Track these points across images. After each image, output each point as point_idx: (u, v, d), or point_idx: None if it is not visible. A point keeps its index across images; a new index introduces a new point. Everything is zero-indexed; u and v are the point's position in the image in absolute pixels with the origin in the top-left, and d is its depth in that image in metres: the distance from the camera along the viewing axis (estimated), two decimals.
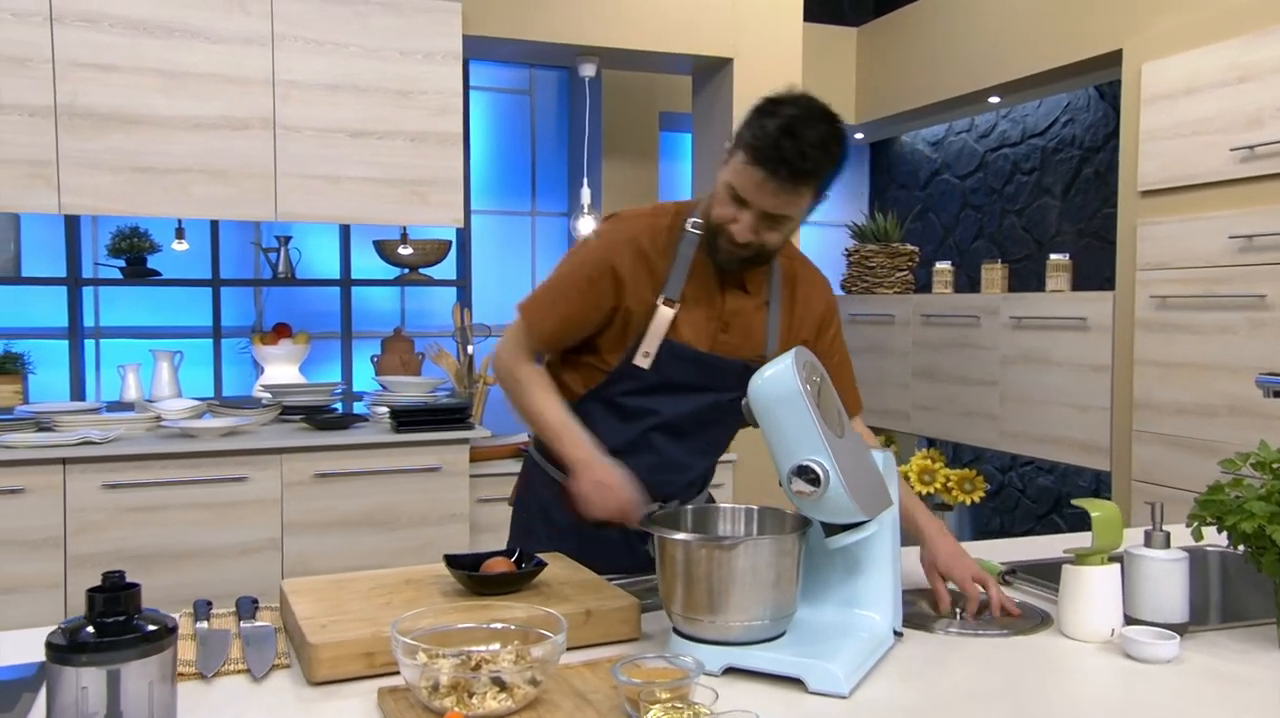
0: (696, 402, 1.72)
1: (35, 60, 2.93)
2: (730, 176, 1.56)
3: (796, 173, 1.50)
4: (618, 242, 1.67)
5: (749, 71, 3.80)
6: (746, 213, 1.56)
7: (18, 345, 3.77)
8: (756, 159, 1.50)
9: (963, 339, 4.19)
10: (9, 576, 2.88)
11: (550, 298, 1.71)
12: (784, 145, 1.48)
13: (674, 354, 1.68)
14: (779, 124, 1.49)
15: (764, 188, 1.51)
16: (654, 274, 1.67)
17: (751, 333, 1.73)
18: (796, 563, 1.30)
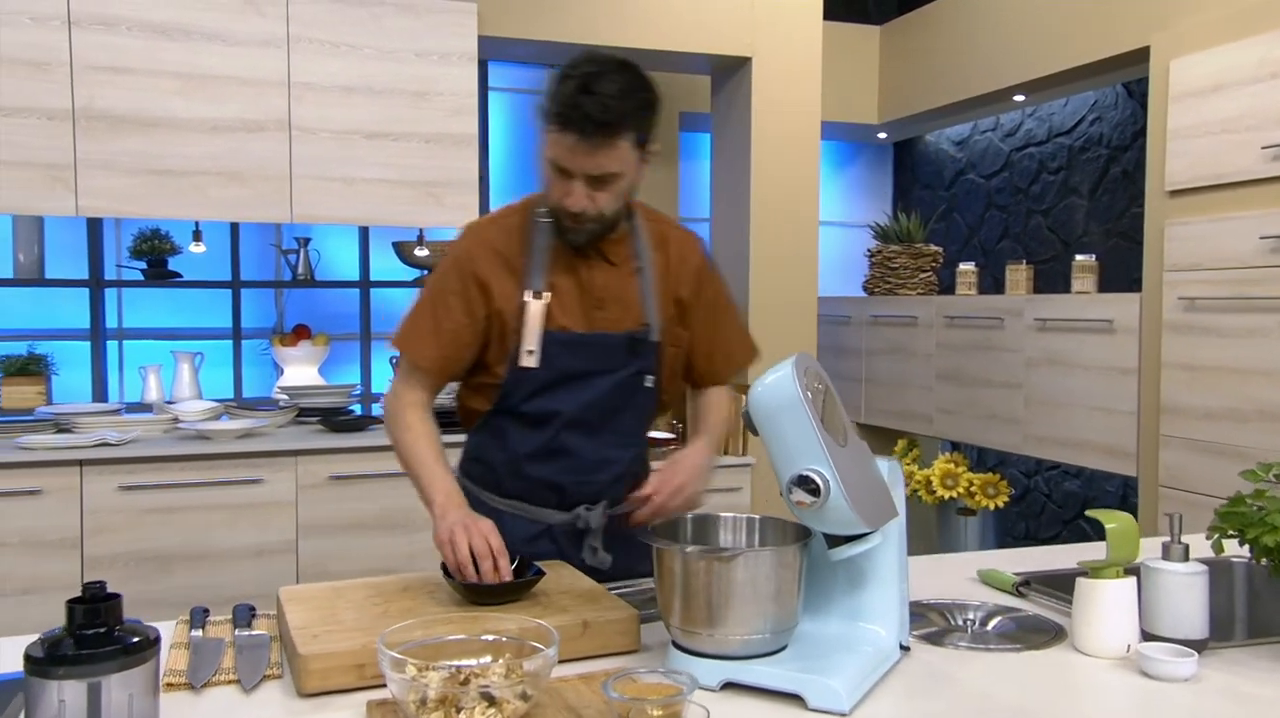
0: (596, 388, 1.69)
1: (53, 64, 2.95)
2: (548, 152, 1.56)
3: (603, 126, 1.49)
4: (471, 249, 1.67)
5: (768, 71, 3.76)
6: (573, 182, 1.56)
7: (41, 347, 3.81)
8: (563, 124, 1.50)
9: (986, 341, 4.12)
10: (27, 576, 2.89)
11: (424, 324, 1.67)
12: (584, 102, 1.48)
13: (556, 343, 1.66)
14: (575, 84, 1.49)
15: (577, 150, 1.52)
16: (515, 272, 1.66)
17: (628, 303, 1.71)
18: (798, 575, 1.26)
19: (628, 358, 1.69)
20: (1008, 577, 1.68)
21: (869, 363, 4.89)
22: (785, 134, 3.77)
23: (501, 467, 1.72)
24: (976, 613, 1.53)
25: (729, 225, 3.95)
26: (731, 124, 3.91)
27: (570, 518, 1.71)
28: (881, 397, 4.80)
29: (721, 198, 4.02)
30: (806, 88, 3.79)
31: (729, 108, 3.94)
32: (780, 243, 3.80)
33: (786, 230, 3.81)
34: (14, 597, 2.89)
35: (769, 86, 3.75)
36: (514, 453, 1.70)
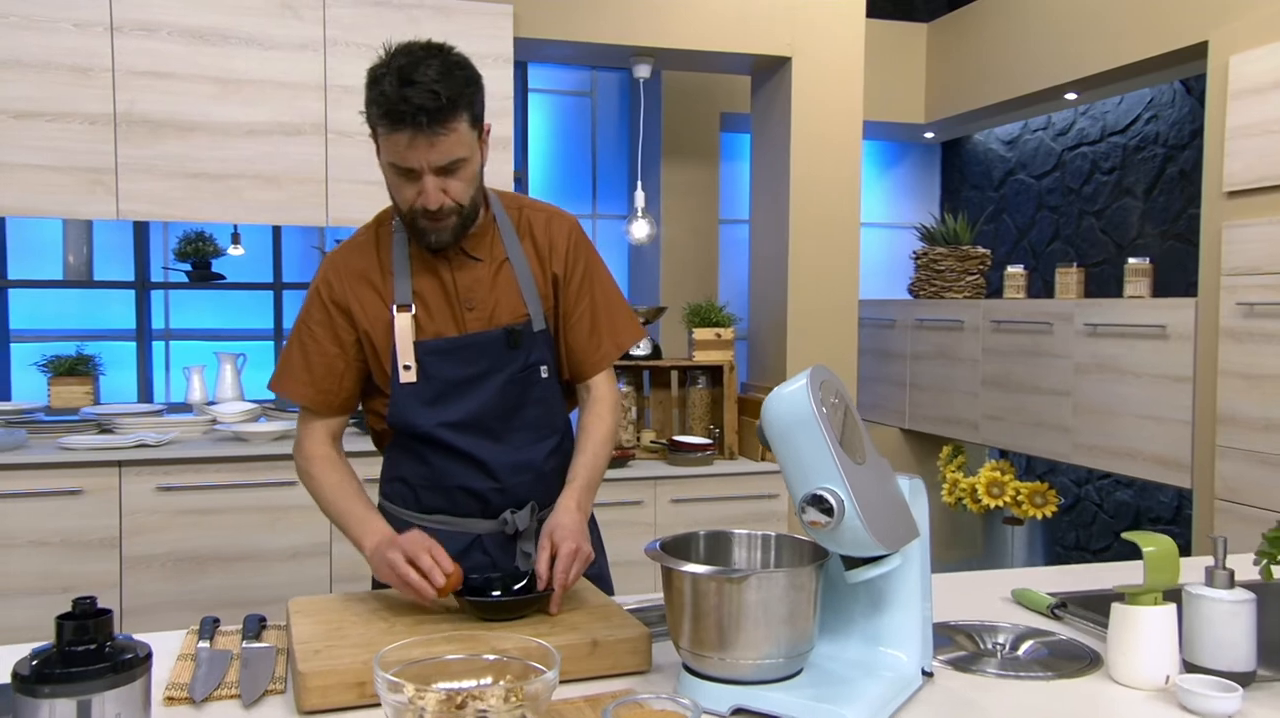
0: (486, 390, 1.63)
1: (96, 69, 2.98)
2: (386, 157, 1.50)
3: (435, 114, 1.43)
4: (328, 276, 1.62)
5: (808, 71, 3.69)
6: (423, 180, 1.49)
7: (89, 348, 3.87)
8: (395, 122, 1.43)
9: (1034, 347, 4.01)
10: (67, 575, 2.93)
11: (295, 361, 1.62)
12: (409, 95, 1.41)
13: (431, 353, 1.60)
14: (393, 80, 1.43)
15: (416, 146, 1.45)
16: (378, 289, 1.61)
17: (500, 298, 1.64)
18: (813, 598, 1.21)
19: (510, 353, 1.63)
20: (1043, 598, 1.61)
21: (913, 367, 4.79)
22: (826, 135, 3.70)
23: (419, 483, 1.67)
24: (1007, 637, 1.47)
25: (768, 227, 3.89)
26: (771, 125, 3.85)
27: (498, 525, 1.66)
28: (926, 402, 4.70)
29: (761, 200, 3.96)
30: (848, 88, 3.71)
31: (768, 108, 3.88)
32: (820, 246, 3.73)
33: (827, 233, 3.73)
34: (55, 595, 2.93)
35: (809, 87, 3.68)
36: (428, 467, 1.65)
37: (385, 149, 1.49)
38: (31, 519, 2.90)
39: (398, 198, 1.54)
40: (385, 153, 1.49)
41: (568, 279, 1.69)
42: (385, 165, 1.52)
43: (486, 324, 1.62)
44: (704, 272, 4.51)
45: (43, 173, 2.96)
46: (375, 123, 1.47)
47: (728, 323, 3.76)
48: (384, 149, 1.49)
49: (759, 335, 3.98)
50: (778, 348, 3.79)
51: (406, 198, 1.52)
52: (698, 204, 4.50)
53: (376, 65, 1.47)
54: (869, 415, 5.20)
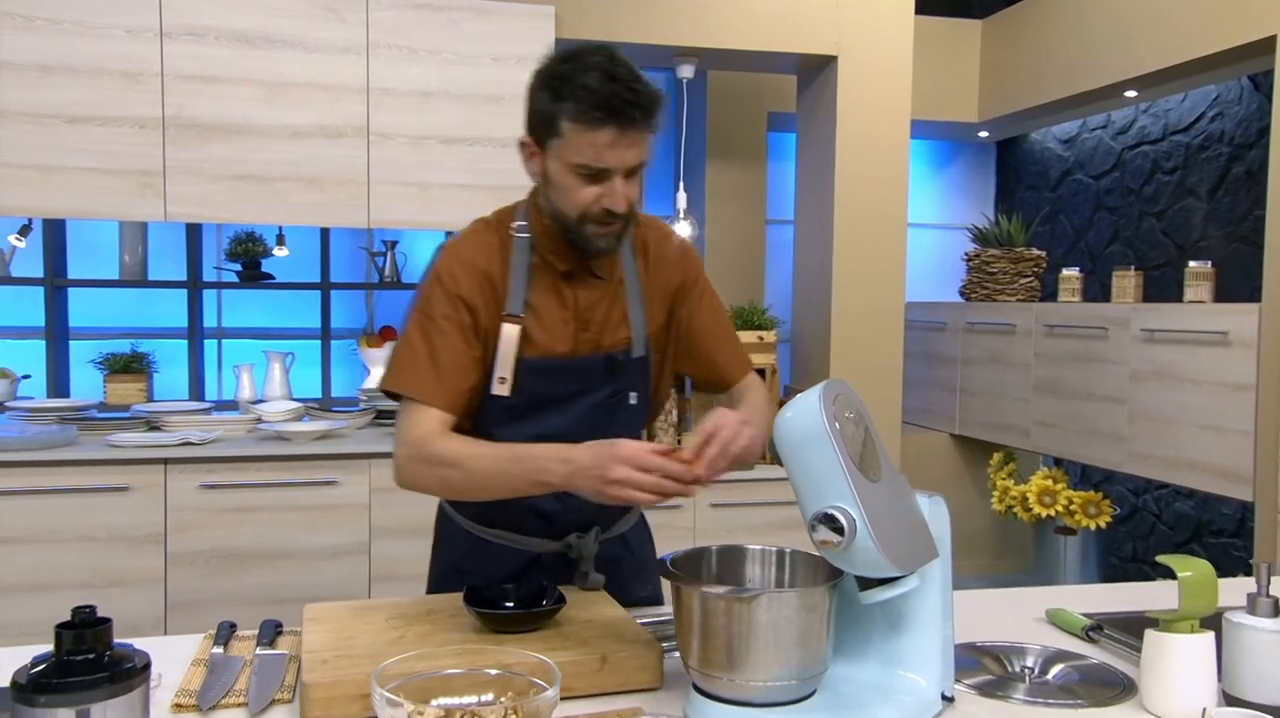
0: (574, 411, 1.58)
1: (145, 74, 3.04)
2: (572, 157, 1.41)
3: (645, 110, 1.39)
4: (453, 268, 1.52)
5: (854, 70, 3.62)
6: (612, 181, 1.43)
7: (144, 345, 3.95)
8: (601, 120, 1.37)
9: (1088, 352, 3.89)
10: (114, 570, 2.99)
11: (422, 359, 1.49)
12: (615, 91, 1.37)
13: (529, 370, 1.54)
14: (597, 76, 1.38)
15: (618, 144, 1.39)
16: (496, 292, 1.53)
17: (613, 319, 1.59)
18: (827, 618, 1.18)
19: (606, 379, 1.59)
20: (1077, 619, 1.55)
21: (964, 372, 4.69)
22: (872, 135, 3.64)
23: None
24: (1036, 659, 1.41)
25: (813, 229, 3.83)
26: (816, 125, 3.79)
27: (561, 547, 1.63)
28: (977, 407, 4.60)
29: (805, 201, 3.91)
30: (896, 87, 3.64)
31: (814, 108, 3.82)
32: (866, 247, 3.67)
33: (873, 234, 3.67)
34: (102, 589, 2.99)
35: (855, 86, 3.62)
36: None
37: (574, 148, 1.40)
38: (80, 515, 2.96)
39: (570, 200, 1.45)
40: (574, 152, 1.41)
41: (686, 291, 1.65)
42: (564, 165, 1.42)
43: (595, 347, 1.57)
44: (750, 273, 4.46)
45: (94, 175, 3.03)
46: (571, 119, 1.39)
47: (770, 325, 3.71)
48: (572, 148, 1.40)
49: (802, 338, 3.93)
50: (821, 351, 3.74)
51: (583, 200, 1.44)
52: (744, 205, 4.45)
53: (550, 66, 1.43)
54: (918, 420, 5.10)
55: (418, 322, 1.52)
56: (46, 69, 2.97)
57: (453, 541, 1.71)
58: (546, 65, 1.44)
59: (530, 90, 1.46)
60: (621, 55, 1.43)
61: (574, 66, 1.40)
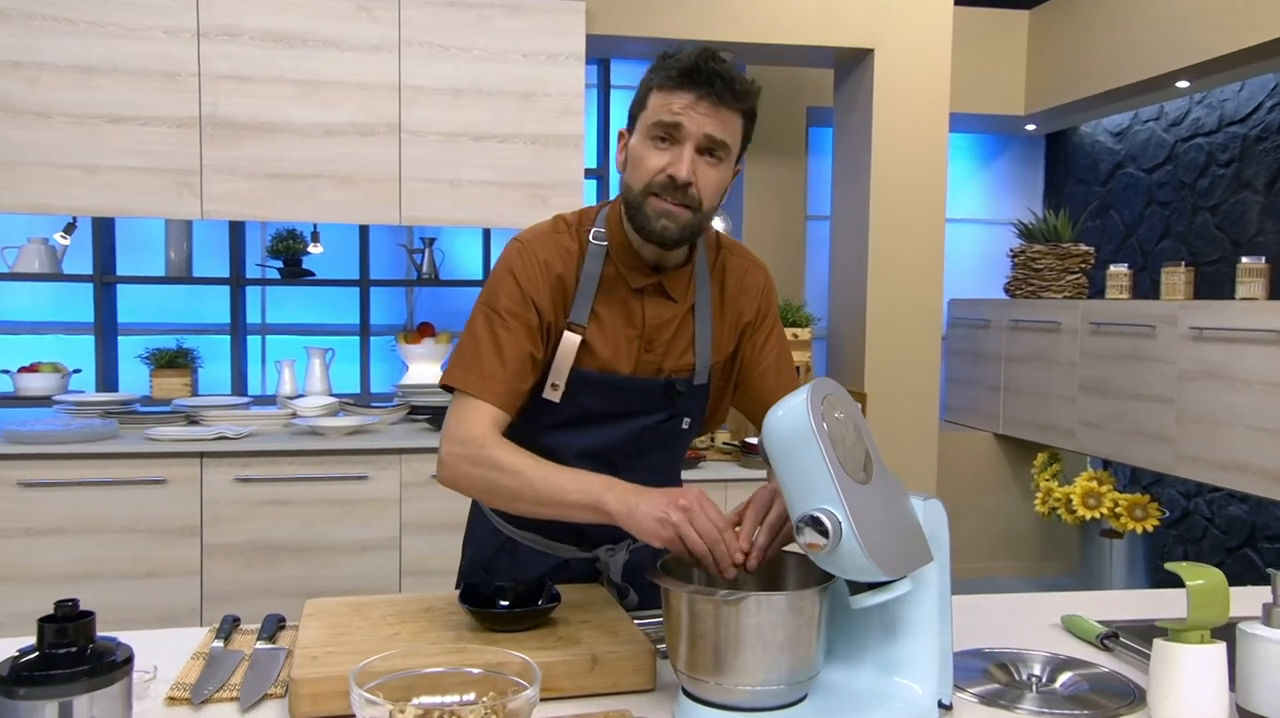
0: (624, 429, 1.54)
1: (183, 75, 3.09)
2: (649, 119, 1.39)
3: (729, 84, 1.36)
4: (525, 265, 1.47)
5: (891, 63, 3.56)
6: (681, 147, 1.38)
7: (189, 341, 4.03)
8: (681, 84, 1.36)
9: (1135, 351, 3.79)
10: (152, 561, 3.06)
11: (489, 355, 1.43)
12: (707, 65, 1.35)
13: (585, 382, 1.50)
14: (691, 53, 1.37)
15: (697, 108, 1.36)
16: (566, 297, 1.49)
17: (679, 344, 1.54)
18: (817, 622, 1.15)
19: (663, 403, 1.54)
20: (1093, 626, 1.50)
21: (1008, 370, 4.60)
22: (910, 129, 3.57)
23: None
24: (1045, 667, 1.37)
25: (848, 224, 3.78)
26: (853, 119, 3.74)
27: (590, 558, 1.61)
28: (1020, 407, 4.51)
29: (842, 196, 3.85)
30: (934, 80, 3.57)
31: (851, 102, 3.77)
32: (902, 243, 3.60)
33: (909, 230, 3.61)
34: (141, 579, 3.05)
35: (891, 79, 3.56)
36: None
37: (653, 110, 1.38)
38: (120, 506, 3.03)
39: (642, 168, 1.40)
40: (652, 116, 1.38)
41: (757, 328, 1.61)
42: (643, 136, 1.40)
43: (656, 370, 1.52)
44: (789, 269, 4.41)
45: (135, 174, 3.09)
46: (656, 87, 1.38)
47: (805, 323, 3.67)
48: (653, 112, 1.38)
49: (838, 336, 3.88)
50: (856, 349, 3.68)
51: (652, 167, 1.39)
52: (782, 200, 4.41)
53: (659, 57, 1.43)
54: (961, 420, 5.01)
55: (483, 315, 1.47)
56: (89, 70, 3.04)
57: (483, 539, 1.69)
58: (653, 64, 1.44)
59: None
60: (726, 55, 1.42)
61: (677, 51, 1.41)
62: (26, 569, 2.99)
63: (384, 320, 4.30)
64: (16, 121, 3.01)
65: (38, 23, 3.00)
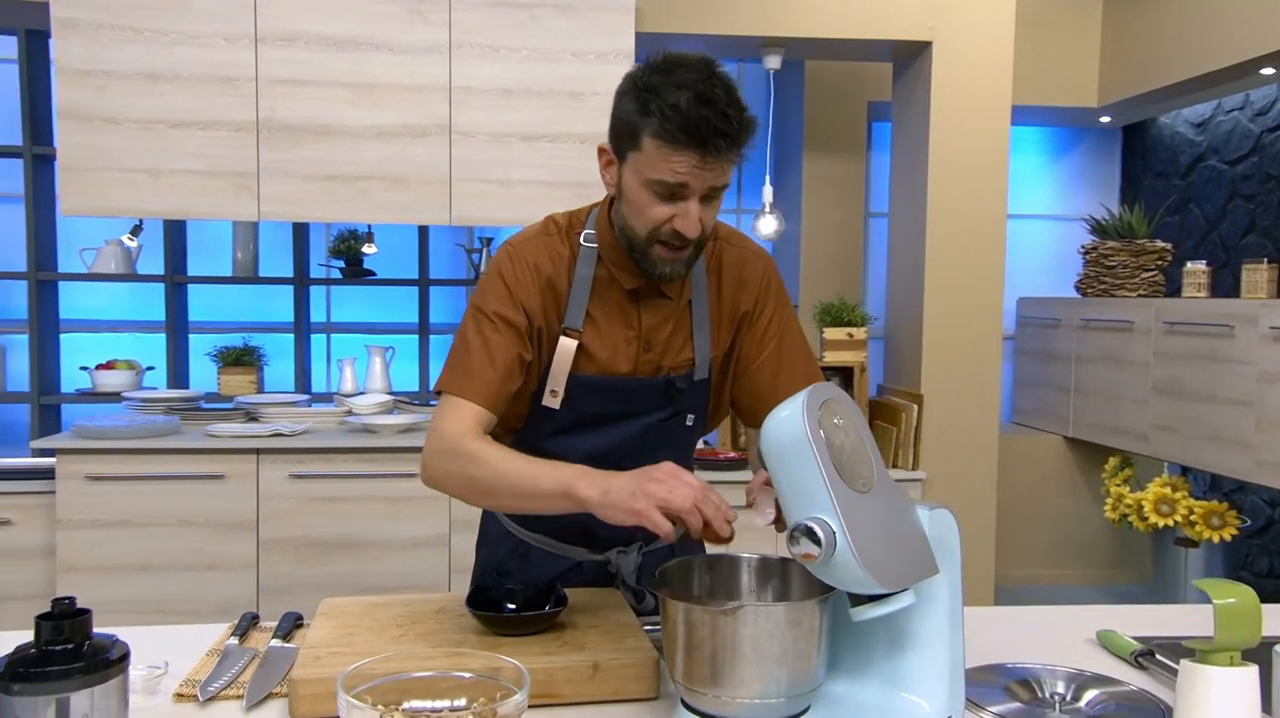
0: (627, 429, 1.52)
1: (241, 79, 3.17)
2: (650, 173, 1.33)
3: (733, 139, 1.31)
4: (515, 268, 1.45)
5: (949, 55, 3.47)
6: (688, 203, 1.35)
7: (255, 339, 4.14)
8: (683, 142, 1.30)
9: (1212, 351, 3.63)
10: (210, 554, 3.14)
11: (479, 359, 1.42)
12: (705, 116, 1.28)
13: (583, 387, 1.48)
14: (688, 96, 1.29)
15: (702, 168, 1.32)
16: (559, 301, 1.46)
17: (674, 340, 1.51)
18: (817, 634, 1.12)
19: (664, 401, 1.53)
20: (1128, 642, 1.43)
21: (1079, 371, 4.44)
22: (969, 123, 3.47)
23: None
24: (1070, 685, 1.31)
25: (906, 222, 3.69)
26: (910, 114, 3.65)
27: (602, 560, 1.59)
28: (1091, 409, 4.35)
29: (900, 193, 3.77)
30: (995, 72, 3.47)
31: (908, 97, 3.68)
32: (962, 241, 3.51)
33: (969, 227, 3.51)
34: (201, 572, 3.14)
35: (950, 73, 3.46)
36: None
37: (654, 164, 1.33)
38: (180, 500, 3.12)
39: (642, 218, 1.38)
40: (651, 168, 1.33)
41: (754, 320, 1.57)
42: (642, 181, 1.35)
43: (656, 368, 1.51)
44: (848, 267, 4.34)
45: (195, 177, 3.18)
46: (653, 135, 1.31)
47: (861, 322, 3.60)
48: (651, 164, 1.33)
49: (896, 336, 3.79)
50: (913, 349, 3.60)
51: (655, 218, 1.37)
52: (842, 197, 4.33)
53: (643, 74, 1.35)
54: (1029, 422, 4.87)
55: (472, 318, 1.46)
56: (154, 77, 3.13)
57: (495, 542, 1.69)
58: (638, 73, 1.37)
59: (618, 96, 1.40)
60: (720, 73, 1.34)
61: (667, 80, 1.31)
62: (93, 560, 3.09)
63: (444, 319, 4.35)
64: (86, 128, 3.12)
65: (106, 32, 3.10)
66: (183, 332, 4.09)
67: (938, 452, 3.48)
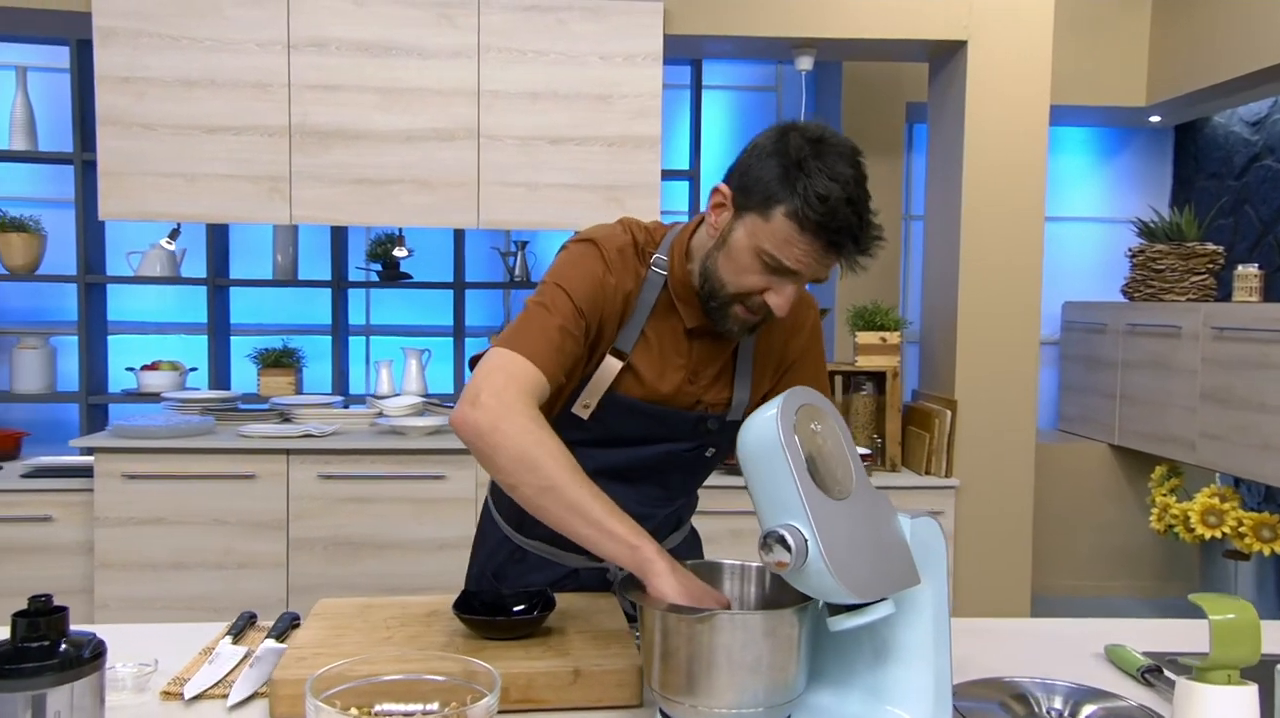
0: (645, 453, 1.50)
1: (274, 85, 3.21)
2: (768, 244, 1.29)
3: (860, 247, 1.28)
4: (609, 265, 1.41)
5: (985, 55, 3.40)
6: (789, 284, 1.32)
7: (294, 341, 4.20)
8: (818, 233, 1.26)
9: (1263, 358, 3.51)
10: (242, 552, 3.19)
11: (550, 332, 1.33)
12: (848, 218, 1.25)
13: (618, 406, 1.45)
14: (839, 192, 1.24)
15: (824, 261, 1.30)
16: (618, 317, 1.43)
17: (722, 377, 1.49)
18: (795, 643, 1.09)
19: (693, 434, 1.51)
20: (1136, 658, 1.38)
21: (1125, 377, 4.33)
22: (1005, 124, 3.40)
23: None
24: (1068, 701, 1.27)
25: (940, 224, 3.62)
26: (946, 115, 3.59)
27: (600, 568, 1.57)
28: (1137, 416, 4.24)
29: (935, 195, 3.70)
30: (1032, 72, 3.39)
31: (943, 97, 3.61)
32: (997, 244, 3.43)
33: (1005, 230, 3.43)
34: (232, 570, 3.19)
35: (986, 72, 3.39)
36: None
37: (777, 240, 1.28)
38: (213, 499, 3.17)
39: (737, 279, 1.34)
40: (771, 241, 1.29)
41: (795, 366, 1.56)
42: (754, 247, 1.31)
43: (695, 401, 1.49)
44: (884, 270, 4.27)
45: (229, 182, 3.23)
46: (789, 216, 1.26)
47: (894, 326, 3.54)
48: (773, 238, 1.29)
49: (930, 340, 3.73)
50: (947, 354, 3.53)
51: (751, 285, 1.34)
52: (879, 199, 4.24)
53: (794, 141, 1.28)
54: (1074, 429, 4.75)
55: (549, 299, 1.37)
56: (190, 84, 3.19)
57: (493, 547, 1.68)
58: (791, 137, 1.30)
59: (759, 150, 1.32)
60: (865, 170, 1.31)
61: (821, 162, 1.26)
62: (130, 556, 3.16)
63: (481, 322, 4.38)
64: (125, 134, 3.19)
65: (145, 40, 3.17)
66: (224, 333, 4.17)
67: (972, 459, 3.41)
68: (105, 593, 3.15)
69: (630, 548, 1.21)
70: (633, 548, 1.20)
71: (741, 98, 4.57)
